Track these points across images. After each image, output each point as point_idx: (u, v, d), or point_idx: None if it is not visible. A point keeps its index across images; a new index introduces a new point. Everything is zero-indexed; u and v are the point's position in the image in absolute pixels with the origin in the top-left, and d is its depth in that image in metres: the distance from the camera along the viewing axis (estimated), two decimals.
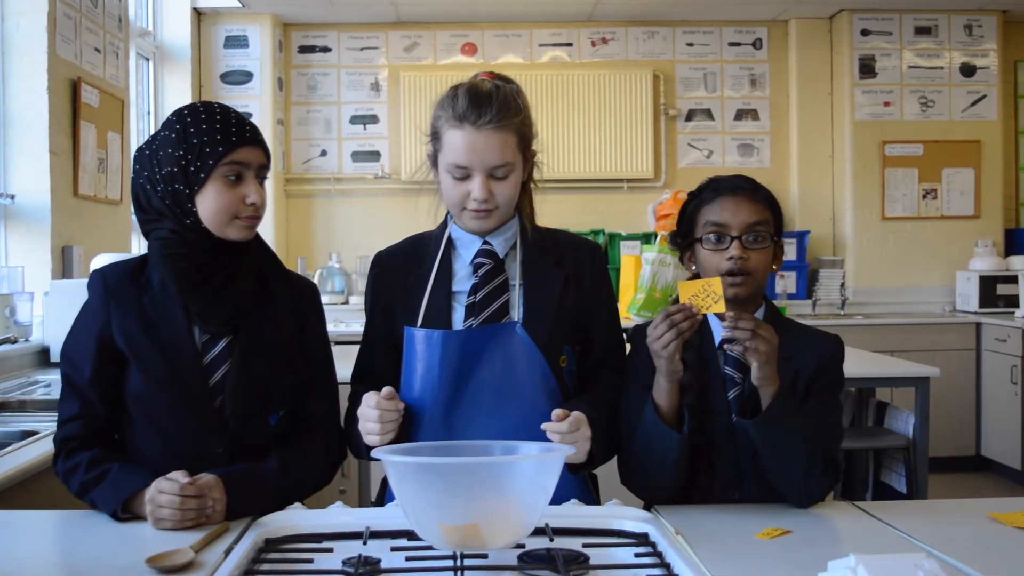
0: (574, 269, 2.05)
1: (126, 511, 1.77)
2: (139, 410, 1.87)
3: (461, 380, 1.94)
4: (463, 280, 2.02)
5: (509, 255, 2.04)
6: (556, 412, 1.79)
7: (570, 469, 1.89)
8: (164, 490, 1.72)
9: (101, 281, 1.91)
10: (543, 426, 1.80)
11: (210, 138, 1.81)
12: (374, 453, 1.53)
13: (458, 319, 1.99)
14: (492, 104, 1.90)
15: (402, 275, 2.06)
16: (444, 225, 2.09)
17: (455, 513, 1.42)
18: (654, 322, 1.84)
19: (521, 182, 2.00)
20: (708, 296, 1.82)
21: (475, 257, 2.02)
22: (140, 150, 1.89)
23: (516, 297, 1.99)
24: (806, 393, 1.97)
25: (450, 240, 2.06)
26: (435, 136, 1.97)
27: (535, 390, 1.95)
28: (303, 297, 2.06)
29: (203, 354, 1.88)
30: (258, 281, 1.95)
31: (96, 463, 1.82)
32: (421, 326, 1.97)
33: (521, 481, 1.46)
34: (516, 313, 1.97)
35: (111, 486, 1.79)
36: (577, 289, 2.04)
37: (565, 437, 1.78)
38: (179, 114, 1.86)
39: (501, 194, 1.94)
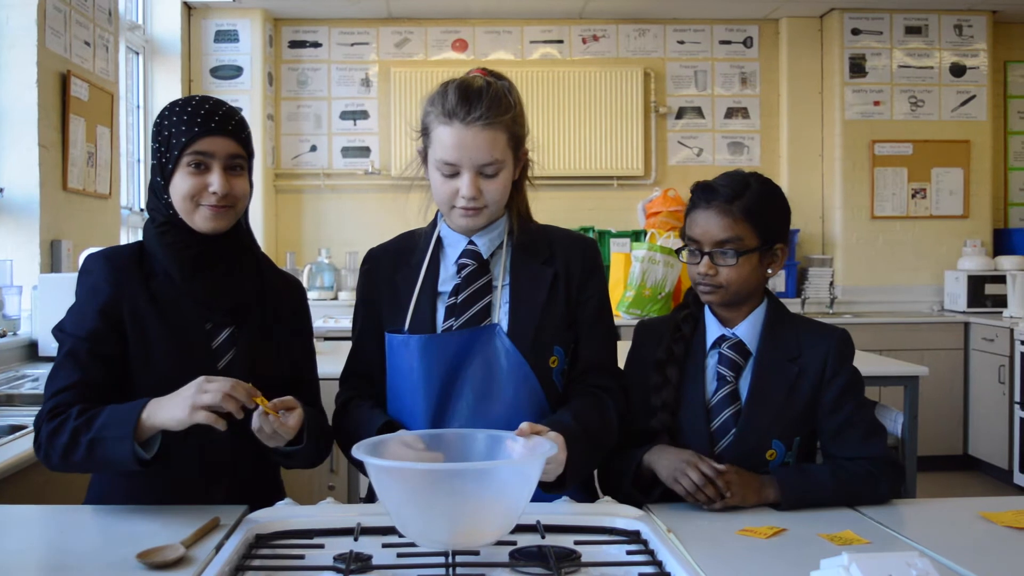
0: (563, 267, 2.01)
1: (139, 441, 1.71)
2: (147, 389, 1.83)
3: (442, 384, 1.92)
4: (448, 280, 2.00)
5: (496, 255, 2.00)
6: (523, 427, 1.66)
7: (543, 487, 1.74)
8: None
9: (104, 261, 1.90)
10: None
11: (176, 129, 1.86)
12: (354, 453, 1.53)
13: (442, 320, 1.96)
14: (482, 101, 1.86)
15: (390, 273, 2.05)
16: (434, 224, 2.07)
17: (436, 513, 1.42)
18: (710, 467, 1.84)
19: (512, 181, 1.97)
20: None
21: (459, 258, 1.99)
22: None
23: (500, 298, 1.96)
24: (815, 394, 1.97)
25: (439, 239, 2.04)
26: (425, 132, 1.94)
27: (516, 392, 1.92)
28: (295, 294, 2.11)
29: (211, 339, 1.91)
30: (256, 275, 2.00)
31: (86, 411, 1.75)
32: (408, 327, 1.96)
33: (503, 481, 1.46)
34: (498, 314, 1.94)
35: (113, 416, 1.72)
36: (566, 287, 2.00)
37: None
38: (163, 108, 1.93)
39: (490, 192, 1.91)
